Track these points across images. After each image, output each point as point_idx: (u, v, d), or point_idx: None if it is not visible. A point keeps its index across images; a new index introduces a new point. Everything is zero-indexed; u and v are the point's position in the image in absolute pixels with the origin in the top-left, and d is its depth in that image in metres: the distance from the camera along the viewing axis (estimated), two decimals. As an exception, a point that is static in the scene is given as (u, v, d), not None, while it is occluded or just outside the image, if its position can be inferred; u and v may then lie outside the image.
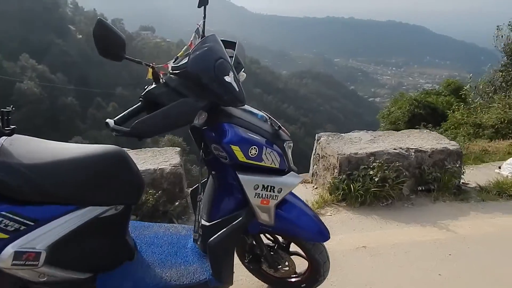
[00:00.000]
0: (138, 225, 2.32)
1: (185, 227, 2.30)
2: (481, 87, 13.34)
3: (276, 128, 1.87)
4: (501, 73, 12.77)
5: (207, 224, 1.94)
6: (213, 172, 1.94)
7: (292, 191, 1.94)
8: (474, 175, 4.08)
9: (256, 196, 1.82)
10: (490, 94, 12.83)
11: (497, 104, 10.93)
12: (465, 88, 14.70)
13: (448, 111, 14.21)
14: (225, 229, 1.84)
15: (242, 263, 2.32)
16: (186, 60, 1.65)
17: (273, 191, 1.83)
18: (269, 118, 1.91)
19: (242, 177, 1.79)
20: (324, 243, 2.08)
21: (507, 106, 10.53)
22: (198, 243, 2.00)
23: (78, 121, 42.45)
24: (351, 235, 3.03)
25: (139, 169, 3.18)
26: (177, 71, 1.67)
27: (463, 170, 3.77)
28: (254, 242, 2.14)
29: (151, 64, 1.67)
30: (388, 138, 3.98)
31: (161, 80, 1.68)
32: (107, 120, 1.57)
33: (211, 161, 1.88)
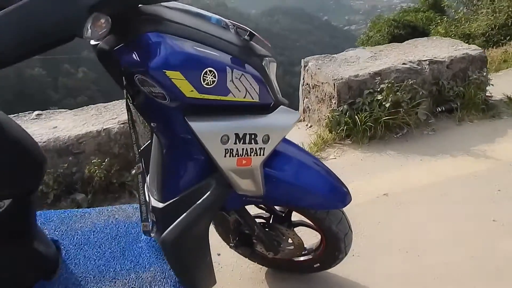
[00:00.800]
0: (67, 215, 1.60)
1: (138, 207, 1.58)
2: (464, -6, 12.55)
3: (246, 37, 1.07)
4: (486, -24, 11.92)
5: (160, 206, 1.21)
6: (152, 124, 1.15)
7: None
8: (496, 85, 3.37)
9: (228, 155, 1.08)
10: (474, 1, 12.04)
11: (485, 10, 10.21)
12: (446, -2, 13.92)
13: (430, 27, 13.61)
14: (188, 211, 1.12)
15: (227, 244, 1.62)
16: None
17: (255, 142, 1.09)
18: (232, 24, 1.09)
19: (195, 125, 1.03)
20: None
21: (496, 10, 9.79)
22: (153, 234, 1.26)
23: (50, 91, 41.19)
24: (366, 180, 2.33)
25: (79, 133, 2.45)
26: None
27: (490, 79, 3.05)
28: (238, 217, 1.42)
29: None
30: (392, 52, 3.18)
31: None
32: None
33: (143, 106, 1.09)
